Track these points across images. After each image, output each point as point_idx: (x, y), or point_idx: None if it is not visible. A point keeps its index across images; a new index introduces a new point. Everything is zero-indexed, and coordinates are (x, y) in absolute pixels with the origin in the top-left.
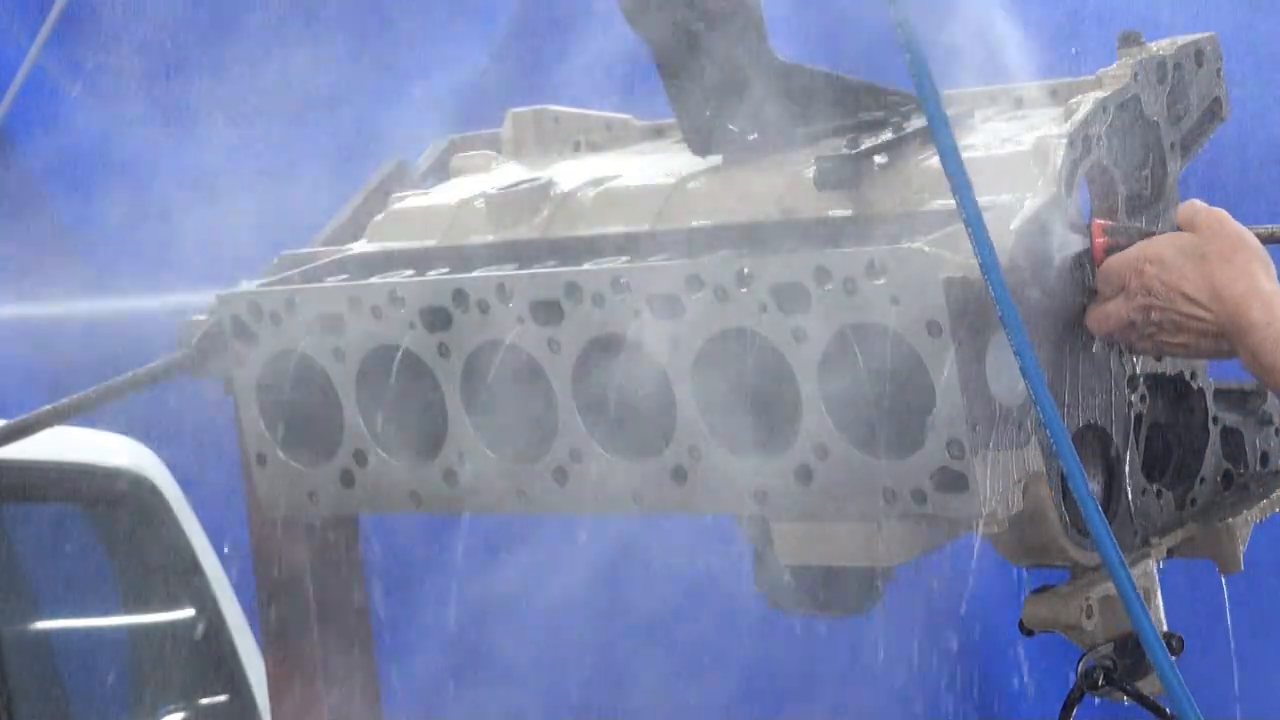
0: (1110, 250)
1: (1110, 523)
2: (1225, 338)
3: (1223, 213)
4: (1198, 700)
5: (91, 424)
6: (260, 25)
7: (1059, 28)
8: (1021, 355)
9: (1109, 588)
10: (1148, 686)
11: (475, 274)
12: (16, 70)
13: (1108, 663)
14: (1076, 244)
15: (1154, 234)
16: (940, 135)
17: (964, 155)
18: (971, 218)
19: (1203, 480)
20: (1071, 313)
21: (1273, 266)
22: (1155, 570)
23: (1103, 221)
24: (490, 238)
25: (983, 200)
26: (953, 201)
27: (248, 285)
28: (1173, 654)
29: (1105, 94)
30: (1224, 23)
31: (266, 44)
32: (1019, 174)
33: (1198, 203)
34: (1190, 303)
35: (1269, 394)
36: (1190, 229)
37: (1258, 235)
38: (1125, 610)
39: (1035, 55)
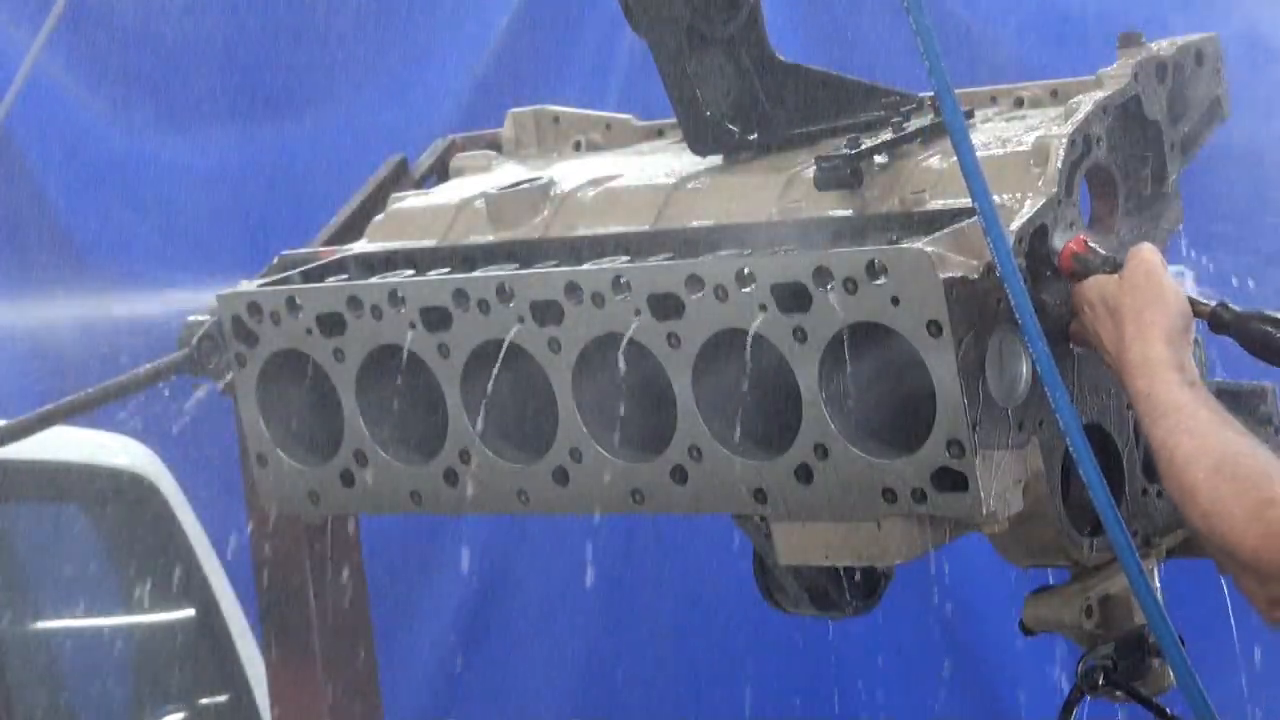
0: (1075, 271)
1: None
2: None
3: (1153, 265)
4: None
5: (91, 424)
6: (261, 25)
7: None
8: (1036, 352)
9: (1109, 588)
10: (1147, 687)
11: (475, 274)
12: (16, 70)
13: (1108, 663)
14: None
15: (1119, 266)
16: (958, 138)
17: None
18: (987, 217)
19: None
20: (1068, 315)
21: (1186, 330)
22: (1155, 570)
23: (1079, 243)
24: (490, 238)
25: None
26: (953, 201)
27: (248, 285)
28: None
29: (1105, 94)
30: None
31: (267, 43)
32: (1019, 174)
33: (1144, 249)
34: (1105, 351)
35: (1269, 394)
36: (1124, 274)
37: (1198, 309)
38: (1131, 608)
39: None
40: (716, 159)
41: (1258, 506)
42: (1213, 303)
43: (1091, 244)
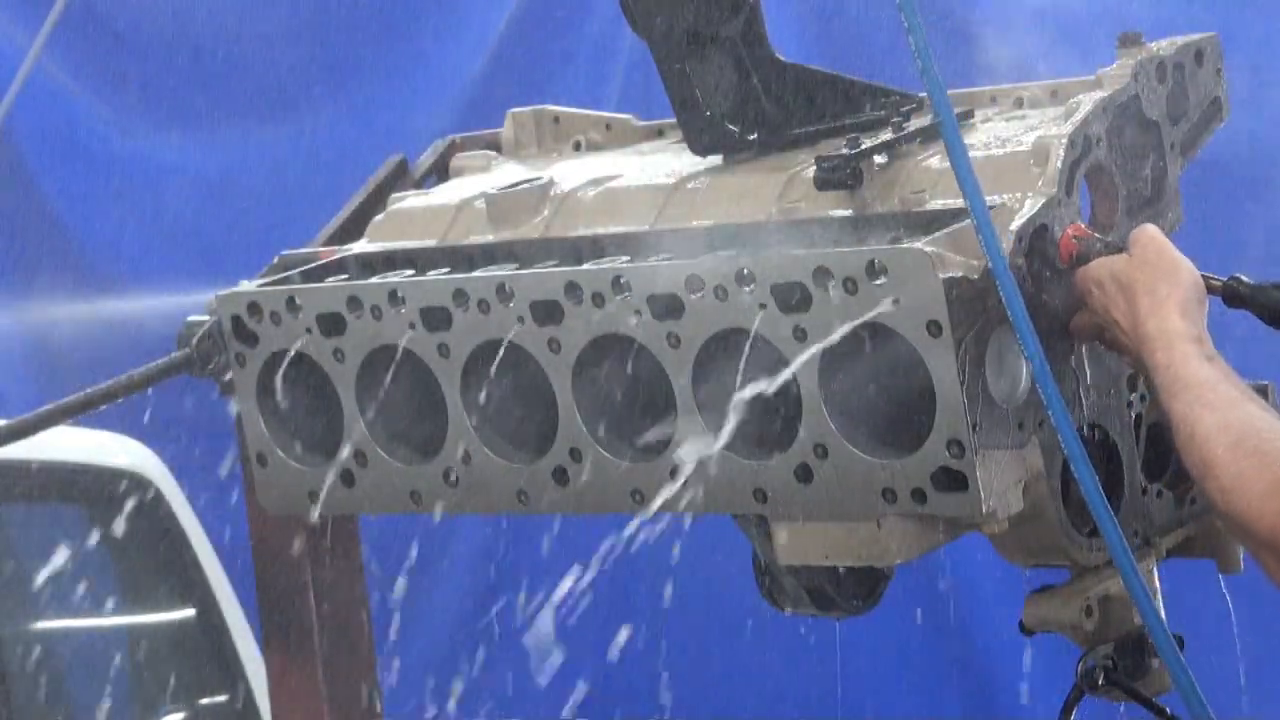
0: (1077, 258)
1: None
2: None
3: (1163, 241)
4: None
5: (91, 424)
6: (261, 25)
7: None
8: (1029, 354)
9: (1109, 587)
10: (1147, 686)
11: (475, 274)
12: (16, 70)
13: (1108, 663)
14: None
15: (1121, 250)
16: (950, 136)
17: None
18: (979, 217)
19: None
20: (1069, 313)
21: (1201, 303)
22: (1155, 570)
23: (1078, 229)
24: (490, 238)
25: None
26: (952, 201)
27: (248, 285)
28: None
29: (1105, 94)
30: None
31: (267, 43)
32: (1019, 174)
33: (1149, 228)
34: (1118, 329)
35: (1270, 394)
36: (1132, 250)
37: (1211, 285)
38: (1131, 608)
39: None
40: (716, 159)
41: (1278, 483)
42: (1224, 278)
43: (1089, 229)
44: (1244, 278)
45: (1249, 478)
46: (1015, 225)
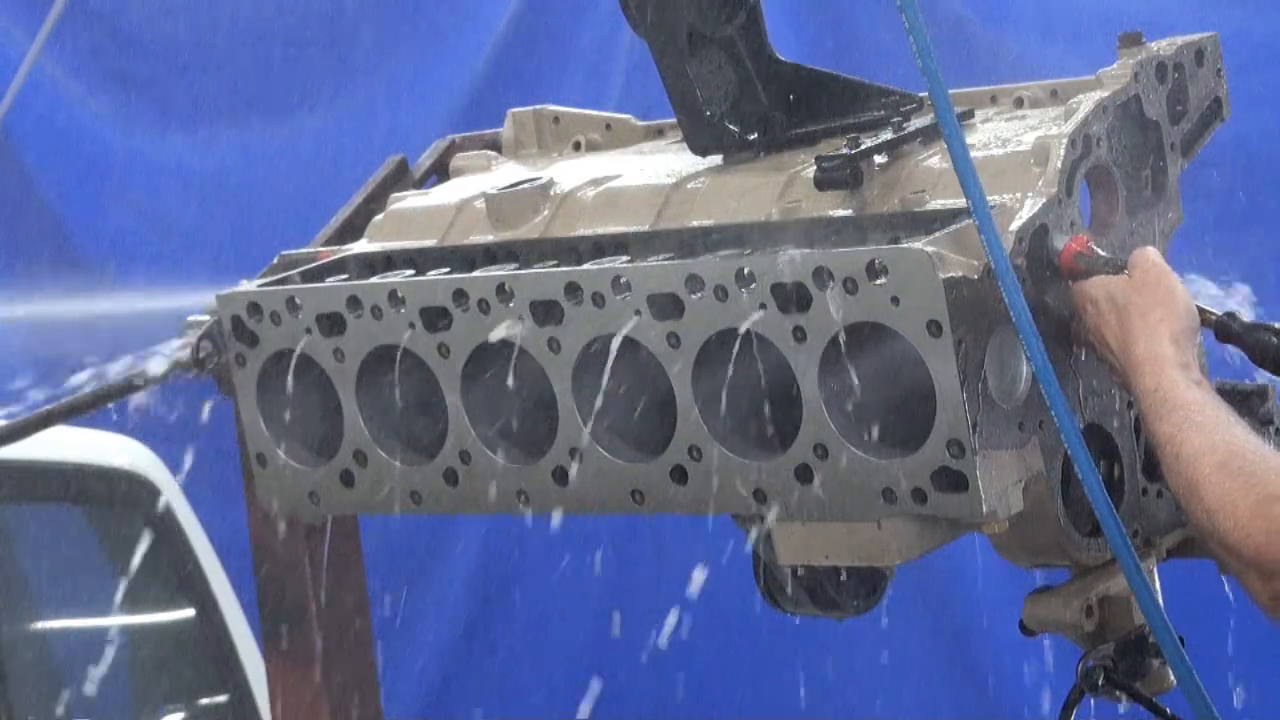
0: (1076, 270)
1: None
2: None
3: (1163, 268)
4: None
5: (91, 424)
6: (261, 24)
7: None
8: (1032, 353)
9: (1109, 588)
10: (1147, 686)
11: (475, 274)
12: (16, 70)
13: (1108, 663)
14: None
15: (1121, 267)
16: (951, 136)
17: None
18: (981, 217)
19: None
20: (1068, 314)
21: (1194, 334)
22: (1155, 570)
23: (1081, 243)
24: (490, 238)
25: None
26: (953, 201)
27: (248, 285)
28: None
29: (1105, 94)
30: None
31: (267, 43)
32: (1019, 174)
33: (1150, 252)
34: (1108, 349)
35: (1270, 394)
36: (1132, 273)
37: (1205, 318)
38: (1131, 608)
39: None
40: (716, 159)
41: (1263, 503)
42: (1220, 312)
43: (1092, 244)
44: (1238, 314)
45: (1235, 498)
46: (1015, 226)
